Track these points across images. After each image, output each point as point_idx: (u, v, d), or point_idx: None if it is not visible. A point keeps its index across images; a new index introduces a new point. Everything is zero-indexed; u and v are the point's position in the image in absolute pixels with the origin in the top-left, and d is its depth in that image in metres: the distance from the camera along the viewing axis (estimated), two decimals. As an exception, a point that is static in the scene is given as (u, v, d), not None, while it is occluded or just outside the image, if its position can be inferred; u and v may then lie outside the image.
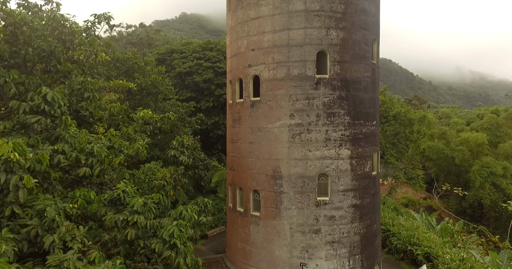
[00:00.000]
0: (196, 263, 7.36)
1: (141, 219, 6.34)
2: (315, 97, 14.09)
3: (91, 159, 6.77)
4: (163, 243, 6.65)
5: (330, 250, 14.26)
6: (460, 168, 48.18)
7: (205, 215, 8.83)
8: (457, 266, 18.88)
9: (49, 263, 5.18)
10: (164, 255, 6.62)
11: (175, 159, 8.76)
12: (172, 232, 6.61)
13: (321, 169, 14.26)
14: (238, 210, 16.18)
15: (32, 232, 5.41)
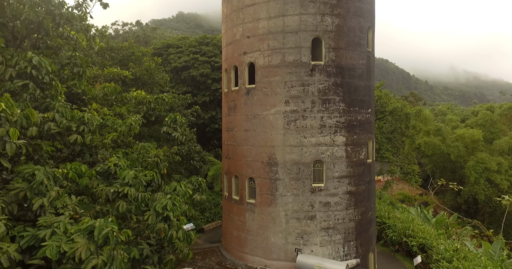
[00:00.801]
0: (189, 237, 7.34)
1: (132, 191, 6.31)
2: (310, 84, 14.11)
3: (83, 127, 6.70)
4: (156, 215, 6.61)
5: (325, 236, 14.28)
6: (456, 164, 48.50)
7: (200, 194, 8.79)
8: (451, 256, 19.00)
9: (39, 224, 5.14)
10: (157, 227, 6.59)
11: (168, 135, 8.71)
12: (165, 205, 6.58)
13: (316, 156, 14.29)
14: (234, 198, 16.17)
15: (21, 194, 5.35)
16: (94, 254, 4.90)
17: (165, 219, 6.69)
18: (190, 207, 7.71)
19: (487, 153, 45.27)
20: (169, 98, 10.44)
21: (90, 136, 6.84)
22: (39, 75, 6.07)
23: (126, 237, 5.55)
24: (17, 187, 5.37)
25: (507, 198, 34.93)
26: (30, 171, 5.50)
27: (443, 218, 29.23)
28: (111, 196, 6.21)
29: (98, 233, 4.96)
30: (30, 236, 4.99)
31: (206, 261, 15.99)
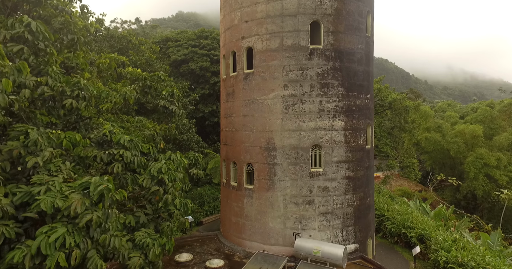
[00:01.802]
0: (186, 205, 7.27)
1: (128, 154, 6.22)
2: (308, 67, 14.05)
3: (77, 91, 6.62)
4: (151, 179, 6.54)
5: (324, 221, 14.22)
6: (455, 160, 48.49)
7: (197, 169, 8.70)
8: (450, 246, 18.95)
9: (33, 181, 5.06)
10: (151, 190, 6.51)
11: (165, 109, 8.63)
12: (160, 168, 6.50)
13: (315, 140, 14.22)
14: (232, 184, 16.10)
15: (15, 152, 5.27)
16: (89, 209, 4.83)
17: (160, 183, 6.62)
18: (186, 176, 7.63)
19: (486, 149, 45.27)
20: (165, 76, 10.34)
21: (85, 103, 6.76)
22: (35, 41, 5.98)
23: (122, 198, 5.48)
24: (11, 145, 5.30)
25: (506, 192, 34.90)
26: (23, 129, 5.42)
27: (442, 210, 29.21)
28: (106, 158, 6.12)
29: (93, 189, 4.89)
30: (23, 192, 4.91)
31: (204, 248, 15.92)
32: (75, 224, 4.68)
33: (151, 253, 6.03)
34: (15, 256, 4.33)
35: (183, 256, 14.36)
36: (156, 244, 6.19)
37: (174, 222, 6.97)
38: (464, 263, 16.78)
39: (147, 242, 6.06)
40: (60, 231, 4.45)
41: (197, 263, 14.08)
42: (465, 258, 16.89)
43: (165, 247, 6.86)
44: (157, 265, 6.78)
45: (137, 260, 5.86)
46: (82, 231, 4.72)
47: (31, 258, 4.33)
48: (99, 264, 5.20)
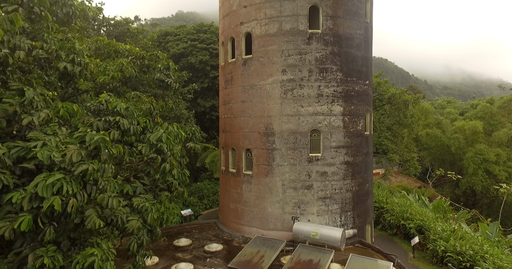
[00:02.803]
0: (184, 175, 7.26)
1: (124, 121, 6.20)
2: (307, 52, 14.05)
3: (72, 55, 6.60)
4: (149, 147, 6.52)
5: (322, 206, 14.21)
6: (455, 156, 48.55)
7: (194, 143, 8.67)
8: (448, 236, 18.96)
9: (29, 137, 5.05)
10: (149, 156, 6.50)
11: (162, 82, 8.60)
12: (160, 136, 6.49)
13: (314, 125, 14.22)
14: (231, 171, 16.09)
15: (10, 109, 5.25)
16: (85, 161, 4.83)
17: (159, 152, 6.61)
18: (183, 150, 7.60)
19: (485, 145, 45.33)
20: (164, 56, 10.33)
21: (80, 68, 6.73)
22: (30, 3, 5.96)
23: (118, 153, 5.47)
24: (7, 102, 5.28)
25: (504, 186, 34.94)
26: (19, 87, 5.41)
27: (441, 203, 29.24)
28: (102, 126, 6.10)
29: (89, 139, 4.88)
30: (19, 147, 4.89)
31: (203, 234, 15.90)
32: (71, 174, 4.66)
33: (149, 217, 6.02)
34: (13, 197, 4.32)
35: (181, 241, 14.34)
36: (154, 209, 6.19)
37: (172, 191, 6.95)
38: (462, 251, 16.79)
39: (145, 206, 6.05)
40: (57, 176, 4.45)
41: (196, 248, 14.07)
42: (463, 247, 16.89)
43: (163, 215, 6.85)
44: (155, 232, 6.78)
45: (135, 223, 5.86)
46: (79, 182, 4.70)
47: (29, 200, 4.33)
48: (97, 223, 5.19)
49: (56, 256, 5.10)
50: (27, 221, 4.24)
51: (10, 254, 4.76)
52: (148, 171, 7.40)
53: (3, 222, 4.39)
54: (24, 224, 4.19)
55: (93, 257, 4.88)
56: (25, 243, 4.97)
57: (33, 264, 4.64)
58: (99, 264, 4.85)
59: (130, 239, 6.06)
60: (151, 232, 6.94)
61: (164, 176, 6.89)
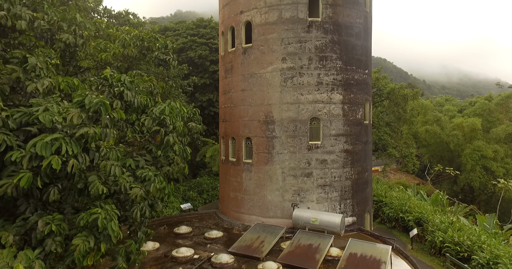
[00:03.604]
0: (185, 151, 7.30)
1: (128, 92, 6.24)
2: (307, 40, 14.12)
3: (74, 26, 6.63)
4: (152, 120, 6.57)
5: (322, 194, 14.29)
6: (453, 153, 48.77)
7: (195, 123, 8.71)
8: (446, 227, 19.07)
9: (31, 102, 5.09)
10: (152, 129, 6.54)
11: (160, 61, 8.62)
12: (163, 109, 6.53)
13: (313, 113, 14.30)
14: (231, 160, 16.15)
15: (13, 75, 5.28)
16: (87, 124, 4.87)
17: (161, 125, 6.65)
18: (185, 128, 7.64)
19: (484, 141, 45.56)
20: (163, 39, 10.35)
21: (82, 40, 6.77)
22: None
23: (119, 116, 5.50)
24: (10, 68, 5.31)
25: (502, 182, 35.14)
26: (22, 54, 5.44)
27: (439, 197, 29.39)
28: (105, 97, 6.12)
29: (88, 102, 4.92)
30: (22, 112, 4.93)
31: (203, 223, 15.95)
32: (72, 136, 4.69)
33: (152, 187, 6.07)
34: (13, 155, 4.36)
35: (182, 228, 14.39)
36: (157, 179, 6.24)
37: (173, 167, 7.00)
38: (460, 242, 16.89)
39: (148, 176, 6.10)
40: (55, 135, 4.48)
41: (196, 235, 14.12)
42: (461, 238, 17.01)
43: (165, 190, 6.90)
44: (157, 205, 6.83)
45: (138, 190, 5.90)
46: (79, 144, 4.72)
47: (29, 160, 4.36)
48: (101, 188, 5.24)
49: (62, 224, 5.17)
50: (26, 177, 4.27)
51: (18, 219, 4.82)
52: (150, 149, 7.45)
53: (5, 179, 4.43)
54: (24, 180, 4.22)
55: (96, 215, 4.95)
56: (29, 208, 5.02)
57: (43, 230, 4.70)
58: (103, 222, 4.92)
59: (133, 208, 6.11)
60: (152, 206, 7.00)
61: (166, 151, 6.94)
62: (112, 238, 5.52)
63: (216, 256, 11.23)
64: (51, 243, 4.70)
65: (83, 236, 5.19)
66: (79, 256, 5.19)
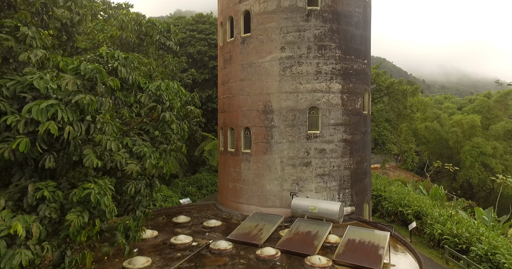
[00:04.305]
0: (183, 130, 7.27)
1: (123, 69, 6.17)
2: (306, 29, 14.10)
3: (70, 2, 6.59)
4: (148, 97, 6.53)
5: (321, 183, 14.27)
6: (452, 150, 48.83)
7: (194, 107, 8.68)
8: (445, 220, 19.10)
9: (25, 71, 5.04)
10: (149, 106, 6.51)
11: (162, 45, 8.59)
12: (159, 85, 6.49)
13: (312, 102, 14.27)
14: (229, 150, 16.12)
15: (5, 44, 5.23)
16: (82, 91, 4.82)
17: (158, 101, 6.62)
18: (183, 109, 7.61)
19: (483, 138, 45.61)
20: (162, 23, 10.30)
21: (78, 17, 6.73)
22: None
23: (115, 85, 5.46)
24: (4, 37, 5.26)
25: (501, 177, 35.18)
26: (14, 24, 5.38)
27: (438, 191, 29.42)
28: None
29: (84, 68, 4.87)
30: (16, 81, 4.88)
31: (202, 214, 15.92)
32: (68, 103, 4.64)
33: (147, 163, 6.03)
34: (8, 119, 4.31)
35: (180, 218, 14.36)
36: (153, 156, 6.20)
37: (171, 145, 6.96)
38: (458, 234, 16.91)
39: (144, 151, 6.06)
40: (51, 101, 4.44)
41: (194, 224, 14.08)
42: (459, 230, 17.02)
43: (163, 169, 6.87)
44: (154, 185, 6.80)
45: (134, 166, 5.86)
46: (74, 111, 4.68)
47: (25, 124, 4.32)
48: (95, 162, 5.20)
49: (57, 192, 5.13)
50: (24, 142, 4.23)
51: (11, 186, 4.77)
52: (148, 130, 7.42)
53: (1, 144, 4.38)
54: (22, 144, 4.18)
55: (89, 190, 4.89)
56: (24, 177, 4.97)
57: (33, 194, 4.65)
58: (96, 197, 4.87)
59: (128, 184, 6.07)
60: (150, 186, 6.97)
61: (164, 129, 6.90)
62: (106, 213, 5.48)
63: (214, 243, 11.20)
64: (45, 208, 4.65)
65: (77, 211, 5.14)
66: (74, 231, 5.15)
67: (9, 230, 3.96)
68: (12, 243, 4.08)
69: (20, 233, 3.92)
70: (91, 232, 5.76)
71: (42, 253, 4.40)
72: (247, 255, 10.67)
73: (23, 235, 4.05)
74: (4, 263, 3.90)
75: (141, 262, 9.58)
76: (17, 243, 4.08)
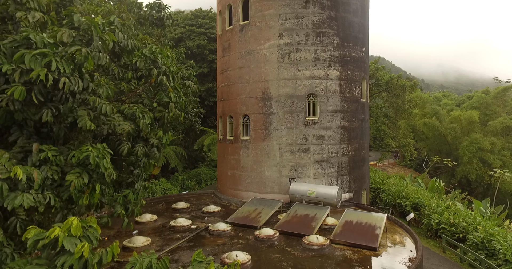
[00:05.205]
0: (180, 98, 7.33)
1: (120, 33, 6.19)
2: (304, 16, 14.19)
3: None
4: (144, 61, 6.58)
5: (319, 169, 14.36)
6: (451, 146, 48.99)
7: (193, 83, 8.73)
8: (442, 211, 19.21)
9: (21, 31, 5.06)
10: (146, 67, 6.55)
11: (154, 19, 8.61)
12: (152, 48, 6.55)
13: (310, 89, 14.37)
14: (228, 138, 16.20)
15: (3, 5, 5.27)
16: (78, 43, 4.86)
17: (154, 64, 6.67)
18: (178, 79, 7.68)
19: (481, 134, 45.78)
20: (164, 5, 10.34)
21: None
22: None
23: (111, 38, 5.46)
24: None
25: (499, 171, 35.34)
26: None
27: (435, 184, 29.56)
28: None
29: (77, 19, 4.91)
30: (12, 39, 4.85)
31: (201, 201, 16.00)
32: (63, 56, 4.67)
33: (141, 123, 6.06)
34: (4, 66, 4.34)
35: (180, 204, 14.44)
36: (147, 116, 6.24)
37: (170, 110, 7.01)
38: (455, 223, 17.02)
39: (135, 112, 6.08)
40: (44, 50, 4.45)
41: (194, 210, 14.17)
42: (456, 220, 17.14)
43: (162, 140, 6.95)
44: (154, 155, 6.86)
45: (126, 126, 5.90)
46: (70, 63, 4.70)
47: (21, 74, 4.36)
48: (88, 124, 5.26)
49: (58, 156, 5.21)
50: (19, 90, 4.26)
51: (14, 147, 4.84)
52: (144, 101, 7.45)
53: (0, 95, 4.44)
54: (17, 92, 4.21)
55: (88, 152, 4.96)
56: (22, 138, 5.02)
57: (37, 153, 4.72)
58: (95, 160, 4.93)
59: (122, 145, 6.11)
60: (148, 156, 7.04)
61: (161, 98, 6.95)
62: (106, 177, 5.54)
63: (213, 225, 11.29)
64: (47, 169, 4.73)
65: (77, 172, 5.20)
66: (75, 192, 5.23)
67: (9, 173, 4.04)
68: (15, 188, 4.16)
69: (21, 177, 3.99)
70: (92, 198, 5.84)
71: (45, 201, 4.47)
72: (245, 236, 10.76)
73: (23, 180, 4.13)
74: (6, 203, 3.98)
75: (141, 241, 9.68)
76: (19, 188, 4.16)
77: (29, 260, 3.62)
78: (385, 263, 8.72)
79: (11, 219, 4.45)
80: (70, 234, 3.58)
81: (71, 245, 3.49)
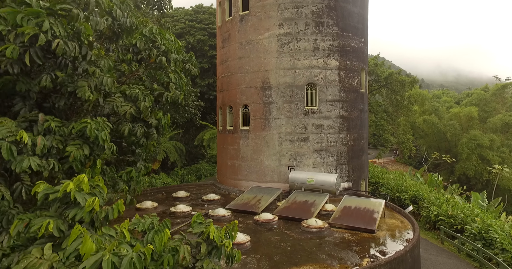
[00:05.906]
0: (180, 79, 7.42)
1: (118, 10, 6.24)
2: (303, 5, 14.27)
3: None
4: (144, 42, 6.67)
5: (318, 158, 14.46)
6: (450, 143, 49.12)
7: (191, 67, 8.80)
8: (441, 203, 19.32)
9: None
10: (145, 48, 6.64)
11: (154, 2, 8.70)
12: (151, 28, 6.62)
13: (310, 78, 14.45)
14: (228, 128, 16.29)
15: None
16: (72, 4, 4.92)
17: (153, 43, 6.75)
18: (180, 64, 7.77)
19: (480, 131, 45.91)
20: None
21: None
22: None
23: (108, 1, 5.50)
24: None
25: (497, 167, 35.47)
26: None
27: (434, 179, 29.68)
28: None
29: None
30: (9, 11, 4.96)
31: (201, 191, 16.09)
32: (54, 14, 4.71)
33: (142, 105, 6.15)
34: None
35: (180, 193, 14.53)
36: (148, 99, 6.33)
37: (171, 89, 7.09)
38: (454, 215, 17.14)
39: (136, 93, 6.17)
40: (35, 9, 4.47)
41: (194, 199, 14.26)
42: (455, 211, 17.25)
43: (161, 121, 7.03)
44: (153, 135, 6.95)
45: (128, 108, 6.00)
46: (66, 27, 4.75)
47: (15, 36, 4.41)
48: (88, 94, 5.33)
49: (62, 127, 5.28)
50: (11, 48, 4.28)
51: (19, 117, 4.92)
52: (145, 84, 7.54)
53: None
54: (9, 50, 4.24)
55: (86, 124, 5.02)
56: (24, 109, 5.10)
57: (42, 123, 4.80)
58: (94, 132, 4.99)
59: (123, 125, 6.18)
60: (147, 137, 7.12)
61: (161, 78, 7.04)
62: (106, 150, 5.60)
63: (213, 210, 11.38)
64: (52, 139, 4.81)
65: (77, 144, 5.26)
66: (76, 163, 5.30)
67: (15, 137, 4.12)
68: (20, 152, 4.24)
69: (26, 141, 4.07)
70: (93, 173, 5.92)
71: (49, 167, 4.56)
72: (245, 220, 10.86)
73: (29, 143, 4.21)
74: (14, 165, 4.07)
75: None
76: (24, 152, 4.25)
77: (37, 214, 3.71)
78: (383, 243, 8.83)
79: (17, 184, 4.55)
80: (81, 190, 3.67)
81: (82, 200, 3.59)
